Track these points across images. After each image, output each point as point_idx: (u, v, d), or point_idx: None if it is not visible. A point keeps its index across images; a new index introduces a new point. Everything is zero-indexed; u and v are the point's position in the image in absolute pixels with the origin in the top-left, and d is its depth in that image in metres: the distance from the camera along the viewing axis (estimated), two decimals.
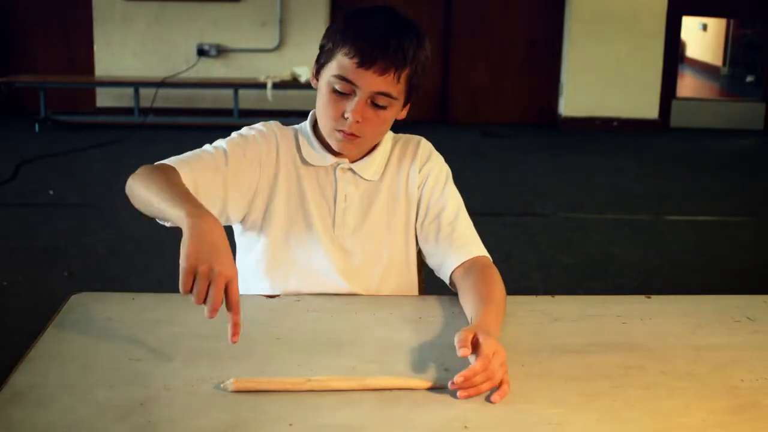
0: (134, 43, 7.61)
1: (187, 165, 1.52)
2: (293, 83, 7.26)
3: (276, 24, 7.60)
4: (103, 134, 6.93)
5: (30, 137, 6.91)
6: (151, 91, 7.28)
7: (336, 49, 1.51)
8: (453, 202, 1.67)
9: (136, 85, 7.29)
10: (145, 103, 7.32)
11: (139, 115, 7.27)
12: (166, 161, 1.53)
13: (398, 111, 1.57)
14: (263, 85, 7.20)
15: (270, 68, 7.52)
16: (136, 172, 1.50)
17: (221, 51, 7.65)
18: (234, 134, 1.66)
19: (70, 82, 7.47)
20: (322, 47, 1.56)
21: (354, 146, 1.58)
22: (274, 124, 1.69)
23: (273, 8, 7.58)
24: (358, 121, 1.51)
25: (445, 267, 1.63)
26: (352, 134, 1.53)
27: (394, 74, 1.49)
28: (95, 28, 7.59)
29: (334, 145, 1.59)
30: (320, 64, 1.56)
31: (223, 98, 7.55)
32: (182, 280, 1.24)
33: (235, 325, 1.26)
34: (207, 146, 1.62)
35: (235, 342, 1.26)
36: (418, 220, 1.67)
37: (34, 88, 7.27)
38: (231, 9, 7.59)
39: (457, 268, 1.60)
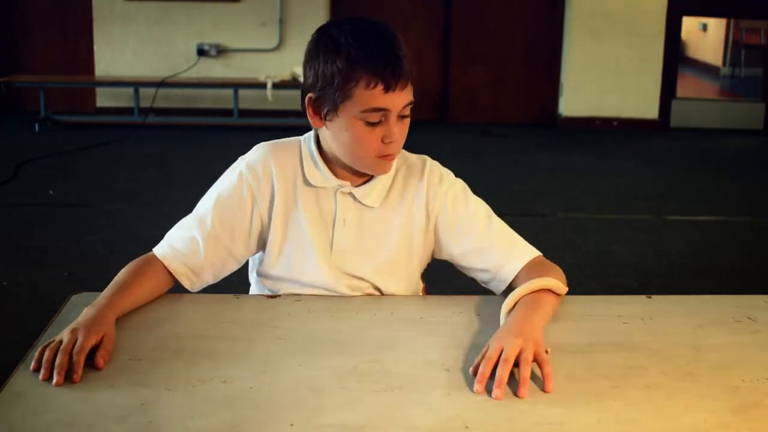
0: (134, 43, 7.61)
1: (181, 255, 1.59)
2: (293, 83, 7.26)
3: (276, 24, 7.60)
4: (103, 134, 6.93)
5: (30, 137, 6.91)
6: (151, 91, 7.28)
7: (350, 84, 1.46)
8: (480, 213, 1.65)
9: (136, 85, 7.28)
10: (145, 103, 7.31)
11: (139, 115, 7.27)
12: (155, 252, 1.61)
13: None
14: (263, 85, 7.20)
15: (270, 68, 7.52)
16: (139, 260, 1.61)
17: (221, 51, 7.65)
18: (216, 188, 1.64)
19: (70, 82, 7.46)
20: (323, 88, 1.49)
21: (392, 164, 1.59)
22: (263, 150, 1.64)
23: (273, 8, 7.57)
24: (398, 140, 1.52)
25: (497, 282, 1.63)
26: (393, 154, 1.54)
27: (409, 84, 1.51)
28: (95, 28, 7.59)
29: (376, 171, 1.58)
30: (333, 104, 1.49)
31: (223, 98, 7.55)
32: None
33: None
34: (193, 215, 1.63)
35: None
36: (452, 243, 1.64)
37: (34, 88, 7.26)
38: (231, 9, 7.59)
39: (512, 281, 1.61)
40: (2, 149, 6.50)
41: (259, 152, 1.64)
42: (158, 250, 1.61)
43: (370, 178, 1.62)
